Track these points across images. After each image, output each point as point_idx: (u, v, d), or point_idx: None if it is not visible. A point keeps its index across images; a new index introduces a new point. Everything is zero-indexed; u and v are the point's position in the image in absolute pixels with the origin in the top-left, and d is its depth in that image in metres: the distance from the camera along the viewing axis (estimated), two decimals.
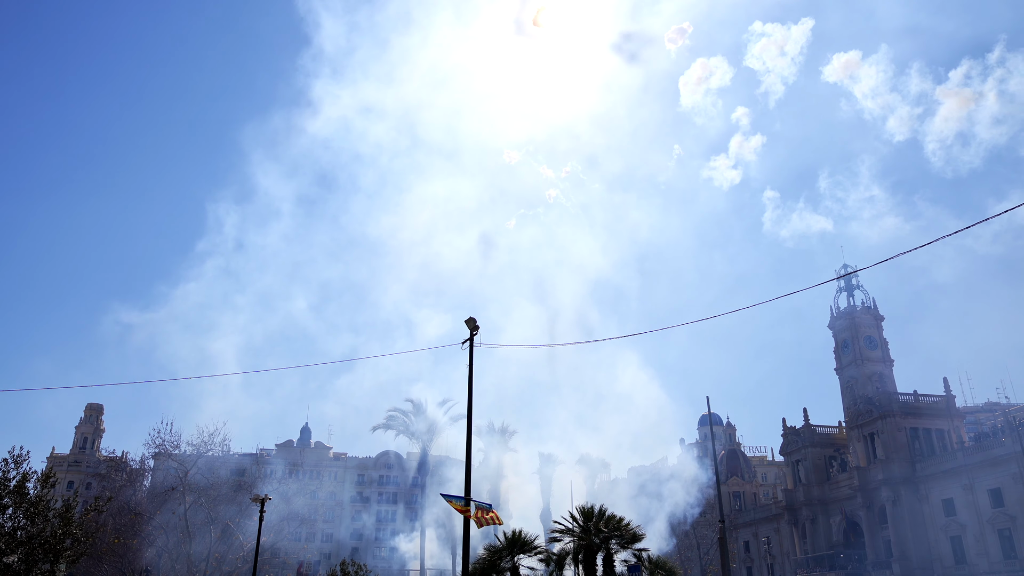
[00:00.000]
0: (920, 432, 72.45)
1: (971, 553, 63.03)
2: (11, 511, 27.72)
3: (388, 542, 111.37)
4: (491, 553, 34.64)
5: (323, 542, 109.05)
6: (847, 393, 79.50)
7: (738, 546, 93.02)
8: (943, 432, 72.78)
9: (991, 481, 62.38)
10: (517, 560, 34.17)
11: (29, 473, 28.82)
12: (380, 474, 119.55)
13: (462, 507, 25.45)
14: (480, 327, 27.73)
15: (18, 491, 27.79)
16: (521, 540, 34.51)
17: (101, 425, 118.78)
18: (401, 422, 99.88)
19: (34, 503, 28.14)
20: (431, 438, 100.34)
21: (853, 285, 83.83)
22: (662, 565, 33.99)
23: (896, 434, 71.37)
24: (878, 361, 79.15)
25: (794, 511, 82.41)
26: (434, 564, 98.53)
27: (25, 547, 27.28)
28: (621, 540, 33.29)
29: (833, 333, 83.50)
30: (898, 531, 67.85)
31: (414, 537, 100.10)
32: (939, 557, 65.43)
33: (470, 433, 26.83)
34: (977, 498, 63.12)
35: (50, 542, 27.81)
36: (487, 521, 26.08)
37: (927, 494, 67.67)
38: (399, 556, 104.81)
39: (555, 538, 34.72)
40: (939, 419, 73.28)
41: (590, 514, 34.14)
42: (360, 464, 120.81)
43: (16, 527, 27.74)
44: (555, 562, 34.00)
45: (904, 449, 70.79)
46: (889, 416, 71.87)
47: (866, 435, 74.49)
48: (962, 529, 64.19)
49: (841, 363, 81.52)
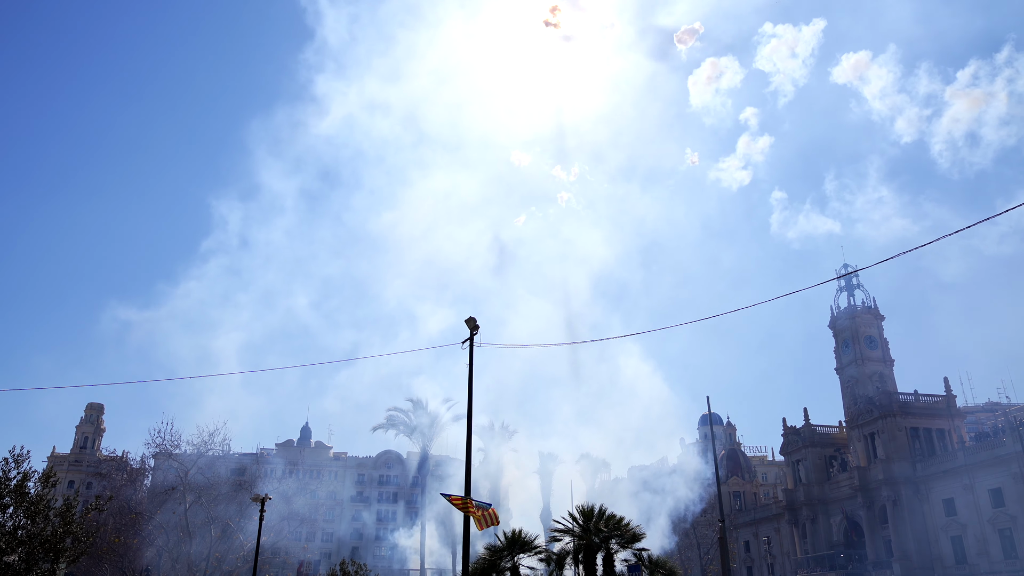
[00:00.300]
0: (921, 432, 72.43)
1: (972, 553, 63.02)
2: (11, 510, 27.69)
3: (388, 541, 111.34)
4: (491, 553, 34.62)
5: (323, 541, 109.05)
6: (847, 393, 79.49)
7: (738, 546, 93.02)
8: (944, 432, 72.76)
9: (992, 481, 62.36)
10: (517, 560, 34.15)
11: (30, 472, 28.80)
12: (380, 473, 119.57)
13: (462, 506, 25.47)
14: (480, 326, 27.69)
15: (19, 490, 27.77)
16: (521, 540, 34.49)
17: (101, 424, 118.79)
18: (401, 421, 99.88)
19: (35, 502, 28.13)
20: (431, 437, 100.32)
21: (854, 285, 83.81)
22: (662, 565, 33.95)
23: (896, 434, 71.35)
24: (878, 361, 79.13)
25: (794, 511, 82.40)
26: (435, 562, 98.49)
27: (26, 546, 27.26)
28: (621, 540, 33.27)
29: (833, 333, 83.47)
30: (898, 531, 67.83)
31: (414, 535, 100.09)
32: (940, 557, 65.42)
33: (470, 432, 26.82)
34: (978, 498, 63.10)
35: (50, 541, 27.79)
36: (488, 520, 26.11)
37: (927, 494, 67.65)
38: (399, 555, 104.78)
39: (555, 538, 34.70)
40: (940, 419, 73.26)
41: (590, 514, 34.11)
42: (360, 463, 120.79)
43: (17, 526, 27.72)
44: (555, 562, 33.98)
45: (904, 449, 70.76)
46: (889, 416, 71.86)
47: (866, 435, 74.48)
48: (963, 529, 64.17)
49: (841, 363, 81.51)
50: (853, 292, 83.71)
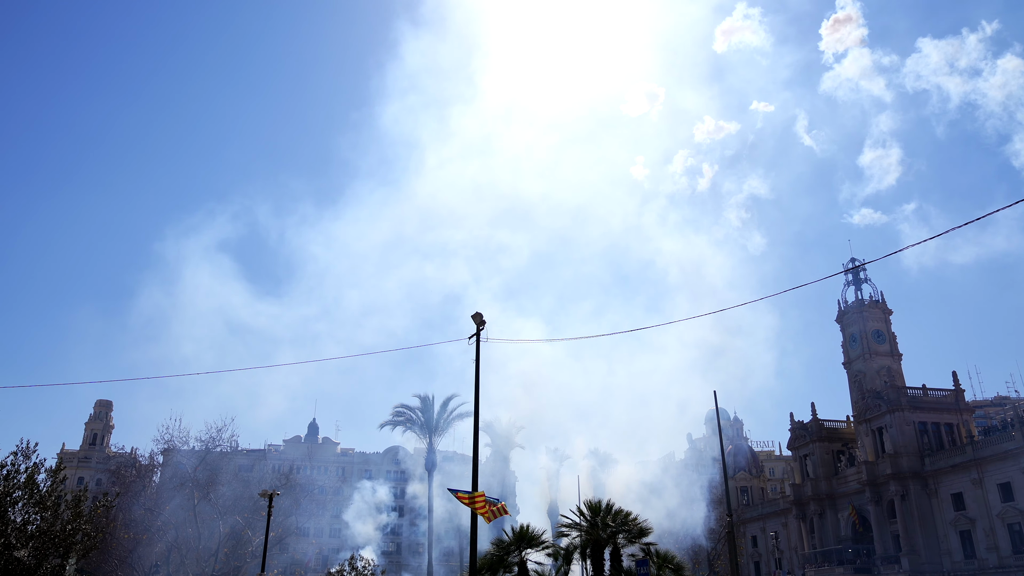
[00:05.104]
0: (929, 426, 72.09)
1: (980, 548, 62.76)
2: (21, 505, 27.72)
3: (395, 537, 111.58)
4: (498, 548, 34.58)
5: (331, 537, 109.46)
6: (855, 387, 79.16)
7: (746, 541, 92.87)
8: (952, 426, 72.41)
9: (1001, 475, 62.06)
10: (524, 555, 34.12)
11: (40, 464, 28.76)
12: (387, 469, 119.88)
13: (470, 502, 25.48)
14: (487, 322, 27.67)
15: (29, 484, 27.77)
16: (528, 535, 34.42)
17: (111, 421, 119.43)
18: (409, 418, 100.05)
19: (45, 496, 28.18)
20: (438, 433, 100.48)
21: (861, 279, 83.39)
22: (669, 560, 33.83)
23: (905, 428, 71.04)
24: (886, 355, 78.76)
25: (802, 506, 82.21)
26: (442, 557, 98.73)
27: (36, 541, 27.33)
28: (629, 535, 33.16)
29: (841, 327, 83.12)
30: (907, 526, 67.59)
31: (422, 531, 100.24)
32: (948, 552, 65.18)
33: (476, 428, 26.83)
34: (987, 492, 62.81)
35: (60, 536, 27.85)
36: (496, 513, 26.13)
37: (936, 488, 67.39)
38: (406, 550, 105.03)
39: (562, 533, 34.59)
40: (948, 413, 72.88)
41: (597, 508, 34.01)
42: (367, 460, 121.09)
43: (26, 521, 27.77)
44: (563, 557, 33.92)
45: (913, 443, 70.46)
46: (897, 410, 71.53)
47: (874, 429, 74.20)
48: (971, 524, 63.90)
49: (849, 357, 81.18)
50: (860, 286, 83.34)
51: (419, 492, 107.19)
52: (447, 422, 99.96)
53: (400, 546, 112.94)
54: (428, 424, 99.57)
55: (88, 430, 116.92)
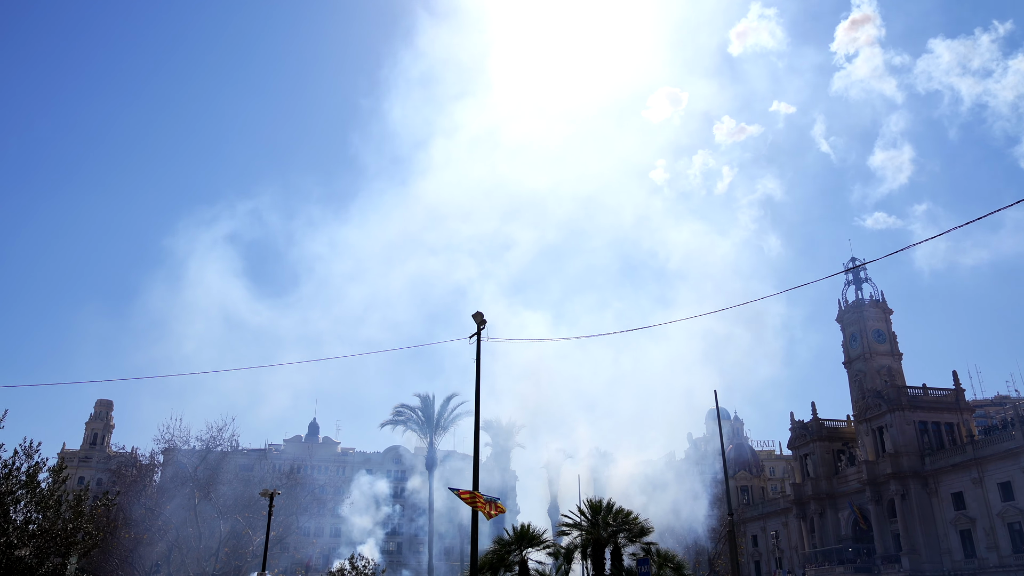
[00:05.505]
0: (929, 426, 72.10)
1: (981, 547, 62.77)
2: (23, 504, 27.73)
3: (396, 536, 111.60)
4: (499, 547, 34.62)
5: (331, 536, 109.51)
6: (855, 387, 79.18)
7: (746, 540, 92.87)
8: (952, 426, 72.41)
9: (1001, 475, 62.08)
10: (525, 554, 34.17)
11: (41, 463, 28.78)
12: (388, 468, 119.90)
13: (471, 500, 25.51)
14: (487, 321, 27.66)
15: (31, 482, 27.79)
16: (529, 534, 34.48)
17: (111, 421, 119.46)
18: (409, 417, 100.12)
19: (47, 496, 28.18)
20: (439, 432, 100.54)
21: (861, 278, 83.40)
22: (670, 559, 33.87)
23: (905, 428, 71.06)
24: (887, 354, 78.76)
25: (802, 505, 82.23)
26: (442, 555, 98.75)
27: (38, 540, 27.34)
28: (629, 534, 33.22)
29: (841, 327, 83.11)
30: (907, 525, 67.61)
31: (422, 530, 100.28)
32: (948, 551, 65.19)
33: (477, 427, 26.84)
34: (987, 492, 62.83)
35: (61, 535, 27.86)
36: (496, 511, 26.18)
37: (936, 488, 67.41)
38: (407, 550, 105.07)
39: (563, 532, 34.64)
40: (948, 412, 72.89)
41: (598, 508, 34.07)
42: (368, 459, 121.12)
43: (28, 520, 27.79)
44: (563, 556, 33.95)
45: (913, 443, 70.48)
46: (898, 410, 71.55)
47: (875, 429, 74.21)
48: (972, 523, 63.91)
49: (849, 356, 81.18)
50: (861, 286, 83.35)
51: (419, 490, 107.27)
52: (448, 420, 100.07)
53: (400, 545, 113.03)
54: (429, 423, 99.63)
55: (88, 430, 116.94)
